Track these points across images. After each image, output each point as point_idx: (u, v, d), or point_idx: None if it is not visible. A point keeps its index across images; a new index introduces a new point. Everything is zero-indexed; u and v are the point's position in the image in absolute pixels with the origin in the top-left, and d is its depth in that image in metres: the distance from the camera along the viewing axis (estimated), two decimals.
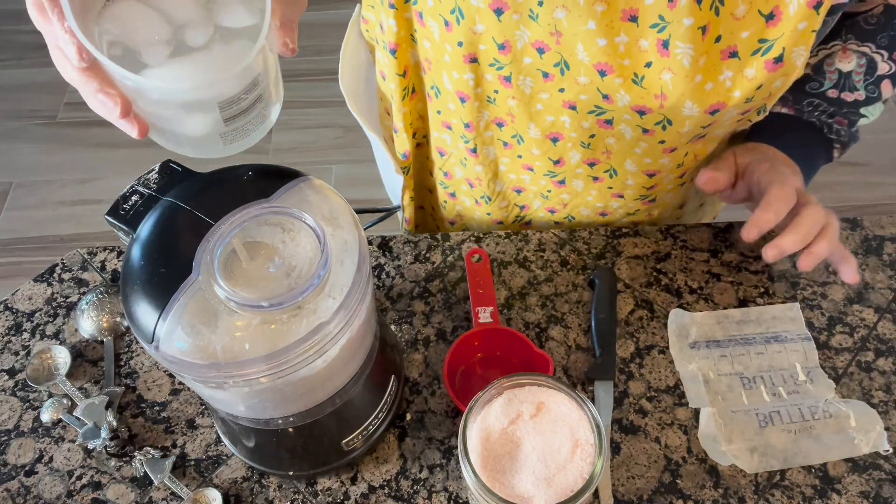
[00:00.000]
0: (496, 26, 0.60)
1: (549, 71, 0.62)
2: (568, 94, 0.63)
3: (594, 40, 0.57)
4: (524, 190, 0.78)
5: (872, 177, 1.87)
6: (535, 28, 0.59)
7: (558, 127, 0.68)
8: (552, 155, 0.71)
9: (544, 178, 0.74)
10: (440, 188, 0.85)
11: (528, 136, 0.70)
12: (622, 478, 0.59)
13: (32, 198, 1.92)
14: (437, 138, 0.79)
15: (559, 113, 0.66)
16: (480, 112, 0.70)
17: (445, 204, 0.87)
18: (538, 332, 0.67)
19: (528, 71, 0.63)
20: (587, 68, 0.60)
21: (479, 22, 0.61)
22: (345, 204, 0.48)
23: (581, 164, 0.71)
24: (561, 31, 0.58)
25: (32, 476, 0.61)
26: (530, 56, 0.62)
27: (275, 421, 0.52)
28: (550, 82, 0.63)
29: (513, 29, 0.60)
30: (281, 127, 2.02)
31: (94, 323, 0.68)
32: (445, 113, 0.74)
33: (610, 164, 0.71)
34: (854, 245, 0.73)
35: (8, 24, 2.34)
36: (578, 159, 0.71)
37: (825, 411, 0.62)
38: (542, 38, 0.60)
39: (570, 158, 0.71)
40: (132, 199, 0.47)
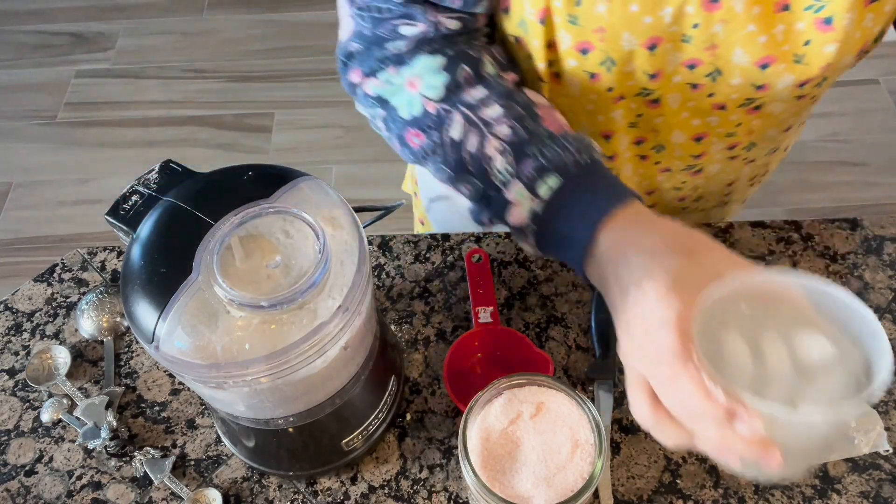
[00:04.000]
0: (648, 60, 0.60)
1: (699, 82, 0.62)
2: (717, 97, 0.63)
3: (755, 40, 0.58)
4: (657, 190, 0.78)
5: (872, 177, 1.87)
6: (688, 49, 0.59)
7: (705, 127, 0.68)
8: (695, 152, 0.71)
9: (681, 173, 0.75)
10: None
11: (670, 142, 0.70)
12: (622, 478, 0.59)
13: (32, 198, 1.92)
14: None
15: (706, 115, 0.66)
16: (622, 140, 0.70)
17: None
18: (538, 332, 0.67)
19: (677, 88, 0.63)
20: (744, 69, 0.60)
21: (630, 63, 0.60)
22: (345, 204, 0.48)
23: (723, 150, 0.71)
24: (717, 44, 0.58)
25: (32, 476, 0.61)
26: (680, 75, 0.62)
27: (275, 421, 0.52)
28: (699, 91, 0.63)
29: (664, 57, 0.60)
30: (281, 127, 2.02)
31: (94, 323, 0.68)
32: None
33: (751, 140, 0.71)
34: (854, 245, 0.73)
35: (8, 24, 2.34)
36: (722, 147, 0.71)
37: None
38: (696, 55, 0.60)
39: (713, 150, 0.71)
40: (132, 199, 0.47)
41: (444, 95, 0.57)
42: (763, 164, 0.80)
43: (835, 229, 0.74)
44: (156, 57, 2.21)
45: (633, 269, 0.46)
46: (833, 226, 0.74)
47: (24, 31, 2.32)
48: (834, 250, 0.72)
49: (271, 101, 2.08)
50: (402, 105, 0.59)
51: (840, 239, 0.73)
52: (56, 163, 1.98)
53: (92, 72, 2.18)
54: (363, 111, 0.64)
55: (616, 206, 0.49)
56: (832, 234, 0.73)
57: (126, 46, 2.25)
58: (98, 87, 2.15)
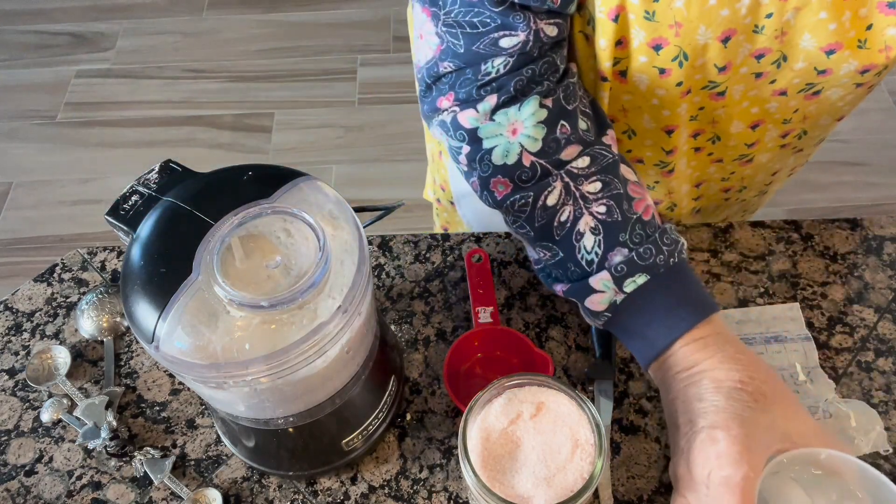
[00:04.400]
0: (721, 53, 0.59)
1: (763, 70, 0.62)
2: (779, 83, 0.63)
3: (825, 27, 0.57)
4: (706, 181, 0.78)
5: (872, 177, 1.87)
6: (759, 39, 0.59)
7: (763, 114, 0.67)
8: (748, 140, 0.71)
9: (732, 163, 0.75)
10: None
11: (727, 132, 0.70)
12: (622, 478, 0.59)
13: (32, 198, 1.92)
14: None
15: (765, 102, 0.66)
16: (683, 133, 0.70)
17: None
18: (538, 332, 0.67)
19: (742, 79, 0.63)
20: (809, 53, 0.60)
21: (702, 56, 0.60)
22: (345, 204, 0.48)
23: (776, 138, 0.71)
24: (787, 31, 0.58)
25: (32, 476, 0.61)
26: (748, 66, 0.61)
27: (275, 421, 0.52)
28: (763, 80, 0.63)
29: (736, 49, 0.59)
30: (281, 127, 2.02)
31: (94, 323, 0.68)
32: (638, 149, 0.73)
33: (803, 128, 0.70)
34: (854, 245, 0.73)
35: (8, 24, 2.34)
36: (776, 134, 0.71)
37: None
38: (766, 44, 0.59)
39: (766, 138, 0.71)
40: (132, 199, 0.47)
41: (542, 149, 0.56)
42: (808, 154, 0.80)
43: (835, 229, 0.74)
44: (156, 57, 2.21)
45: (708, 406, 0.48)
46: (833, 226, 0.74)
47: (24, 31, 2.32)
48: (834, 250, 0.72)
49: (271, 101, 2.08)
50: (498, 149, 0.56)
51: (840, 239, 0.73)
52: (56, 163, 1.98)
53: (92, 72, 2.19)
54: (442, 138, 0.61)
55: (700, 320, 0.51)
56: (832, 234, 0.73)
57: (126, 46, 2.25)
58: (98, 87, 2.15)
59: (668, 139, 0.70)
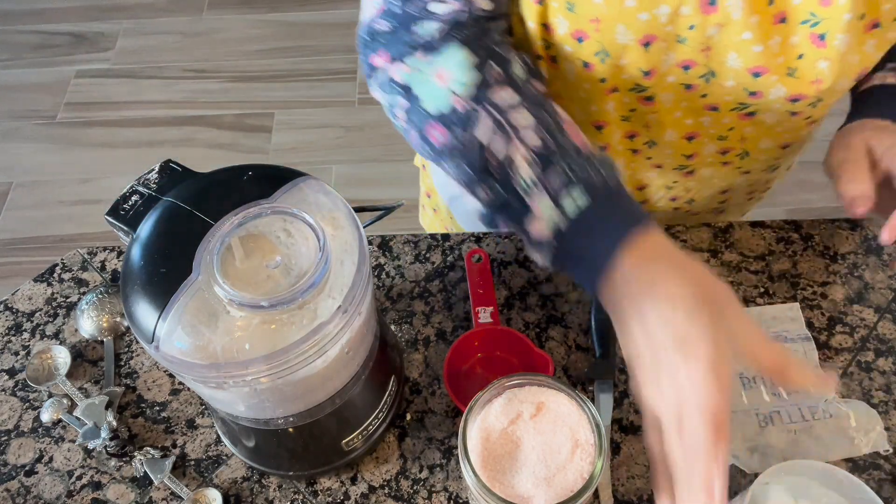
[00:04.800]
0: (643, 57, 0.60)
1: (692, 83, 0.63)
2: (710, 98, 0.64)
3: (749, 49, 0.58)
4: (648, 186, 0.78)
5: None
6: (683, 49, 0.59)
7: (697, 126, 0.68)
8: (686, 151, 0.71)
9: (673, 171, 0.75)
10: None
11: (662, 140, 0.70)
12: (622, 478, 0.59)
13: (32, 198, 1.92)
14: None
15: (698, 115, 0.66)
16: (615, 133, 0.71)
17: None
18: (538, 332, 0.67)
19: (671, 88, 0.63)
20: (737, 73, 0.60)
21: (624, 57, 0.60)
22: (345, 204, 0.48)
23: (715, 153, 0.71)
24: (711, 46, 0.59)
25: (32, 476, 0.61)
26: (674, 75, 0.62)
27: (275, 421, 0.52)
28: (693, 92, 0.63)
29: (660, 55, 0.60)
30: (281, 127, 2.02)
31: (94, 323, 0.68)
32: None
33: (744, 148, 0.71)
34: (854, 245, 0.73)
35: (8, 24, 2.34)
36: (714, 150, 0.71)
37: (825, 411, 0.62)
38: (691, 56, 0.60)
39: (704, 151, 0.71)
40: (132, 199, 0.47)
41: (473, 94, 0.55)
42: (763, 180, 0.80)
43: (835, 229, 0.74)
44: (156, 57, 2.21)
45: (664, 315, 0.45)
46: (833, 226, 0.74)
47: (24, 31, 2.32)
48: (834, 250, 0.72)
49: (271, 101, 2.08)
50: (428, 97, 0.56)
51: (840, 239, 0.73)
52: (56, 163, 1.98)
53: (92, 72, 2.19)
54: (380, 97, 0.61)
55: (639, 230, 0.49)
56: (832, 234, 0.73)
57: (126, 46, 2.25)
58: (98, 87, 2.15)
59: (599, 134, 0.71)
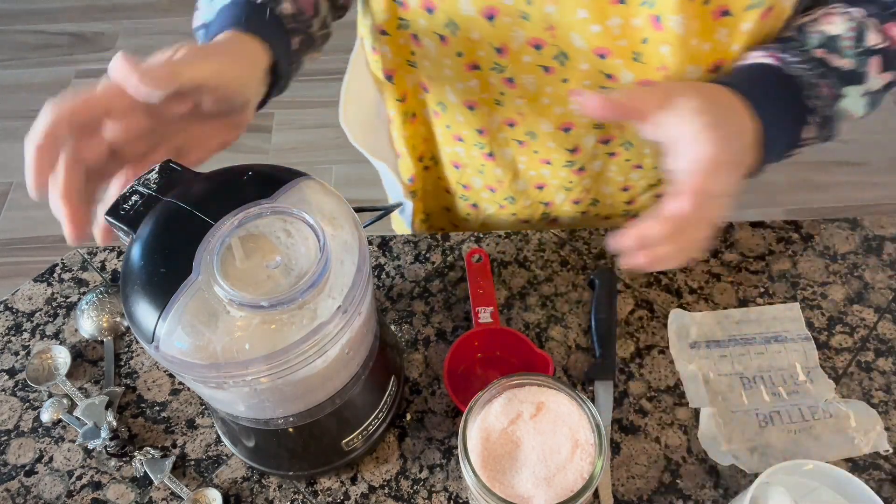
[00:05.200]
0: (491, 31, 0.61)
1: (549, 65, 0.63)
2: (572, 82, 0.64)
3: (587, 28, 0.58)
4: (546, 185, 0.78)
5: (872, 177, 1.87)
6: (528, 27, 0.60)
7: (569, 116, 0.68)
8: (567, 144, 0.71)
9: (563, 168, 0.75)
10: (460, 202, 0.86)
11: (540, 130, 0.70)
12: (622, 478, 0.59)
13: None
14: (450, 153, 0.80)
15: (567, 103, 0.66)
16: (491, 116, 0.71)
17: (469, 216, 0.87)
18: (538, 332, 0.67)
19: (529, 68, 0.64)
20: (586, 54, 0.61)
21: (473, 30, 0.61)
22: (345, 204, 0.48)
23: (597, 144, 0.71)
24: (554, 25, 0.59)
25: (32, 476, 0.61)
26: (528, 54, 0.62)
27: (275, 421, 0.52)
28: (553, 75, 0.64)
29: (507, 31, 0.61)
30: (281, 127, 2.02)
31: (94, 323, 0.68)
32: (455, 126, 0.74)
33: (625, 138, 0.71)
34: (854, 245, 0.73)
35: (8, 24, 2.34)
36: (594, 141, 0.71)
37: (825, 411, 0.62)
38: (537, 34, 0.60)
39: (585, 144, 0.71)
40: (132, 199, 0.47)
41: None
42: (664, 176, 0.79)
43: (835, 229, 0.74)
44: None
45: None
46: (833, 226, 0.74)
47: (24, 31, 2.32)
48: (834, 250, 0.72)
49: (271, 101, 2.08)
50: None
51: (840, 239, 0.73)
52: None
53: (92, 72, 2.18)
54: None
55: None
56: (832, 234, 0.73)
57: (126, 46, 2.25)
58: None
59: (473, 115, 0.72)
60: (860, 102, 0.58)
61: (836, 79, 0.57)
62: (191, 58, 0.48)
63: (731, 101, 0.52)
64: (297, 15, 0.59)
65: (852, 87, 0.57)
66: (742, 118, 0.52)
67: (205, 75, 0.48)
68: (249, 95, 0.53)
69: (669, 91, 0.51)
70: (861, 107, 0.59)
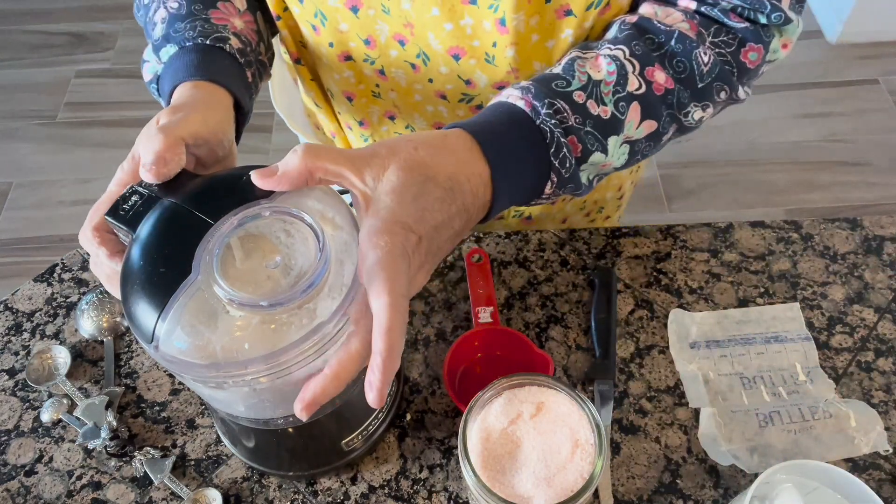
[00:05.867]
0: (356, 23, 0.62)
1: (413, 62, 0.64)
2: (436, 84, 0.65)
3: (441, 25, 0.59)
4: None
5: (872, 177, 1.87)
6: (390, 21, 0.61)
7: (438, 116, 0.69)
8: None
9: None
10: None
11: (417, 126, 0.71)
12: (622, 478, 0.59)
13: (32, 198, 1.92)
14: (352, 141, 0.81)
15: (435, 103, 0.67)
16: (369, 108, 0.72)
17: None
18: (538, 332, 0.67)
19: (397, 63, 0.65)
20: (444, 57, 0.62)
21: (341, 21, 0.63)
22: (344, 204, 0.48)
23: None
24: (412, 23, 0.60)
25: (32, 476, 0.61)
26: (395, 49, 0.63)
27: (275, 421, 0.52)
28: (419, 73, 0.65)
29: (372, 24, 0.62)
30: (281, 127, 2.02)
31: (94, 323, 0.68)
32: (342, 114, 0.76)
33: None
34: (854, 245, 0.73)
35: (8, 24, 2.34)
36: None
37: (825, 411, 0.62)
38: (399, 30, 0.61)
39: None
40: (132, 200, 0.47)
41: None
42: None
43: (835, 229, 0.74)
44: None
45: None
46: (833, 226, 0.74)
47: (24, 31, 2.32)
48: (834, 250, 0.72)
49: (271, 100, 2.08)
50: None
51: (840, 239, 0.73)
52: (56, 163, 1.98)
53: (92, 72, 2.18)
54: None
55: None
56: (832, 234, 0.73)
57: (126, 46, 2.25)
58: (98, 87, 2.15)
59: (353, 106, 0.72)
60: (619, 152, 0.54)
61: (592, 128, 0.52)
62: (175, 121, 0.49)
63: (453, 152, 0.47)
64: (245, 48, 0.60)
65: (612, 137, 0.53)
66: (465, 170, 0.47)
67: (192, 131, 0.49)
68: (231, 138, 0.54)
69: (370, 157, 0.45)
70: (621, 156, 0.55)
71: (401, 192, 0.44)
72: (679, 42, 0.54)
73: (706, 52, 0.55)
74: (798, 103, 2.01)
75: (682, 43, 0.54)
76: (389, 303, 0.40)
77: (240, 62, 0.58)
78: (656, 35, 0.55)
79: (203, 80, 0.54)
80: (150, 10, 0.61)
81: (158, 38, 0.58)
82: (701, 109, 0.56)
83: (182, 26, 0.57)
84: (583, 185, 0.54)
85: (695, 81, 0.55)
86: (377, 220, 0.43)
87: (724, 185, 1.85)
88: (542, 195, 0.53)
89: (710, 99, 0.56)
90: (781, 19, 0.55)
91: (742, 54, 0.56)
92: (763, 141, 1.94)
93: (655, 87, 0.54)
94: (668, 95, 0.55)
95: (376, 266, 0.41)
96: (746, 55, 0.56)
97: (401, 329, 0.41)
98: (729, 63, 0.56)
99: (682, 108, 0.56)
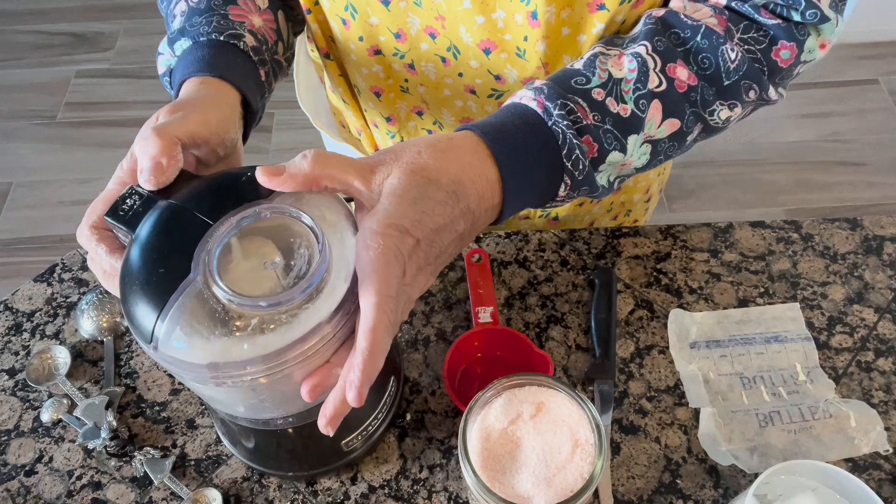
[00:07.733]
0: (387, 16, 0.62)
1: (444, 56, 0.64)
2: (466, 78, 0.65)
3: (473, 18, 0.59)
4: None
5: (872, 177, 1.87)
6: (421, 14, 0.61)
7: (467, 112, 0.68)
8: None
9: None
10: None
11: (445, 121, 0.71)
12: (622, 478, 0.59)
13: (32, 198, 1.92)
14: (378, 139, 0.80)
15: (465, 98, 0.67)
16: (397, 103, 0.71)
17: None
18: (538, 332, 0.67)
19: (428, 57, 0.64)
20: (474, 51, 0.61)
21: (371, 14, 0.62)
22: (344, 204, 0.48)
23: None
24: (443, 15, 0.60)
25: (32, 476, 0.61)
26: (425, 42, 0.63)
27: (274, 421, 0.52)
28: (449, 67, 0.64)
29: (403, 17, 0.61)
30: (281, 127, 2.02)
31: (94, 323, 0.68)
32: (369, 111, 0.75)
33: None
34: (854, 245, 0.73)
35: (8, 24, 2.34)
36: None
37: (825, 411, 0.62)
38: (430, 22, 0.61)
39: None
40: (131, 200, 0.47)
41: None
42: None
43: (835, 229, 0.74)
44: (156, 57, 2.21)
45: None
46: (833, 226, 0.74)
47: (24, 31, 2.32)
48: (834, 250, 0.72)
49: (271, 101, 2.08)
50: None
51: (840, 239, 0.73)
52: (56, 163, 1.98)
53: (92, 72, 2.18)
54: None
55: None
56: (832, 234, 0.73)
57: (126, 46, 2.25)
58: (98, 87, 2.15)
59: (380, 102, 0.72)
60: (639, 151, 0.53)
61: (611, 126, 0.51)
62: (173, 120, 0.48)
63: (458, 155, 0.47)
64: (260, 46, 0.59)
65: (631, 136, 0.52)
66: (471, 173, 0.47)
67: (189, 131, 0.48)
68: (235, 137, 0.53)
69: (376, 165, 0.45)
70: (642, 156, 0.54)
71: (400, 194, 0.44)
72: (705, 37, 0.53)
73: (734, 49, 0.53)
74: (798, 103, 2.01)
75: (708, 38, 0.53)
76: (376, 302, 0.41)
77: (253, 60, 0.57)
78: (682, 30, 0.54)
79: (212, 77, 0.54)
80: (172, 2, 0.61)
81: (175, 31, 0.58)
82: (728, 108, 0.55)
83: (199, 21, 0.57)
84: (600, 187, 0.53)
85: (721, 79, 0.54)
86: (373, 222, 0.43)
87: (724, 185, 1.85)
88: (556, 198, 0.52)
89: (737, 98, 0.55)
90: (817, 17, 0.52)
91: (773, 52, 0.54)
92: (763, 141, 1.94)
93: (677, 84, 0.53)
94: (691, 93, 0.53)
95: (368, 267, 0.42)
96: (778, 53, 0.54)
97: (385, 329, 0.41)
98: (759, 61, 0.54)
99: (706, 106, 0.54)
